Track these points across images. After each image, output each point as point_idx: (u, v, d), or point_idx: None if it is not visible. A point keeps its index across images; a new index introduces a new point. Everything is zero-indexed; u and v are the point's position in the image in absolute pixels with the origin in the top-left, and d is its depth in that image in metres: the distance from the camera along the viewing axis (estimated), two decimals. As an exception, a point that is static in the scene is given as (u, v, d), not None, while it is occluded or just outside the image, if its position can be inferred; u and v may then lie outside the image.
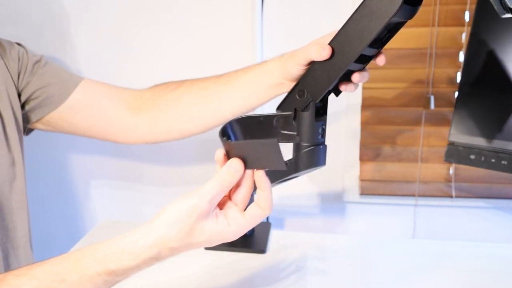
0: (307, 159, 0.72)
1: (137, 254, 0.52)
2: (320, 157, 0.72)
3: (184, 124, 0.81)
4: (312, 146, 0.71)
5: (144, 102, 0.82)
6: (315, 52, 0.62)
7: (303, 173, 0.75)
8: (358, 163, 1.05)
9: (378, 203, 1.08)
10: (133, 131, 0.83)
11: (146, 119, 0.82)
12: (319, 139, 0.71)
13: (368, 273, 0.80)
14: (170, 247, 0.52)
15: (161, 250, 0.52)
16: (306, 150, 0.71)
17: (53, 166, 1.16)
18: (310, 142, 0.71)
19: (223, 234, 0.53)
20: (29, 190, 0.81)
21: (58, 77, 0.80)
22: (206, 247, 0.87)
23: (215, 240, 0.53)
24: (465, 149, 0.78)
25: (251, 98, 0.75)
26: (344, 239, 0.93)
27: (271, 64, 0.72)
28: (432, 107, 0.97)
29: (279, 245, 0.89)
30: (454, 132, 0.79)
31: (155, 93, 0.81)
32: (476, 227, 1.06)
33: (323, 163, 0.73)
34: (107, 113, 0.82)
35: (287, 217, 1.13)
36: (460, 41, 0.94)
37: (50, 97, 0.79)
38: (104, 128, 0.83)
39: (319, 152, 0.72)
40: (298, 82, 0.68)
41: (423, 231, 1.08)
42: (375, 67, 0.97)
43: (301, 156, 0.72)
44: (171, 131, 0.82)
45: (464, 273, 0.79)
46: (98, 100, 0.82)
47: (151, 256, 0.52)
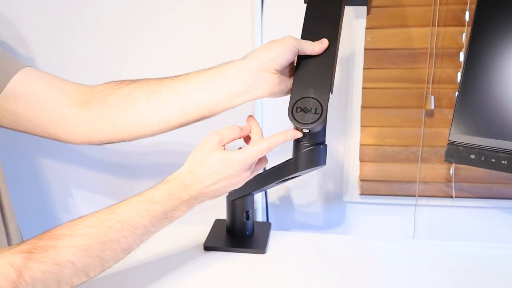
0: (307, 159, 0.72)
1: (168, 179, 0.67)
2: (320, 156, 0.72)
3: (130, 121, 0.74)
4: (312, 146, 0.71)
5: (93, 96, 0.75)
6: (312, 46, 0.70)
7: (303, 172, 0.74)
8: (358, 163, 1.05)
9: (378, 203, 1.08)
10: (75, 126, 0.75)
11: (91, 114, 0.75)
12: (319, 139, 0.71)
13: (368, 273, 0.80)
14: (191, 170, 0.66)
15: (184, 175, 0.66)
16: (306, 150, 0.71)
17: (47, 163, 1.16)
18: (311, 142, 0.71)
19: (230, 160, 0.65)
20: None
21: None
22: (206, 246, 0.87)
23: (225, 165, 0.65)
24: (465, 149, 0.78)
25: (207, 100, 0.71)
26: (344, 239, 0.93)
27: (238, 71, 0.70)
28: (432, 107, 0.97)
29: (279, 245, 0.89)
30: (454, 132, 0.79)
31: (107, 88, 0.76)
32: (476, 227, 1.06)
33: (323, 163, 0.73)
34: (47, 105, 0.74)
35: (287, 217, 1.13)
36: (460, 41, 0.94)
37: None
38: (45, 121, 0.75)
39: (319, 151, 0.72)
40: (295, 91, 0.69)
41: (423, 231, 1.08)
42: (375, 67, 0.98)
43: (301, 156, 0.71)
44: (116, 128, 0.75)
45: (464, 273, 0.79)
46: (39, 89, 0.74)
47: (177, 178, 0.66)
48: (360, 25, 0.97)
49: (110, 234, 0.62)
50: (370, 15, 0.95)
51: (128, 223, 0.63)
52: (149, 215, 0.64)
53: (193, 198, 0.67)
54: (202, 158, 0.66)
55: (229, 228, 0.92)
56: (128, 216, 0.63)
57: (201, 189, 0.66)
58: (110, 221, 0.62)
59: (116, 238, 0.62)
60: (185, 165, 0.67)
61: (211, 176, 0.66)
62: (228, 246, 0.88)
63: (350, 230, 1.11)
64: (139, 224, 0.64)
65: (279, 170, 0.77)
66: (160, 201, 0.65)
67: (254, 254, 0.86)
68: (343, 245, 0.89)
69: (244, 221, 0.90)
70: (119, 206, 0.64)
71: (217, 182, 0.66)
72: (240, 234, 0.90)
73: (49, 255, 0.58)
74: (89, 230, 0.61)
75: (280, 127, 1.04)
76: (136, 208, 0.64)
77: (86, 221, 0.62)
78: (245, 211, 0.89)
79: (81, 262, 0.60)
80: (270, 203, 1.10)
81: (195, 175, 0.66)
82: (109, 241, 0.62)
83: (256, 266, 0.83)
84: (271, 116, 1.05)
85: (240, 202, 0.89)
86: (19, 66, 0.74)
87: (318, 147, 0.71)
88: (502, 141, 0.74)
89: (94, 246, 0.61)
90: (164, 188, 0.66)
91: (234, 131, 0.68)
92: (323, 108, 0.67)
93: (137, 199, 0.65)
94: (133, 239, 0.64)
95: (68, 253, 0.59)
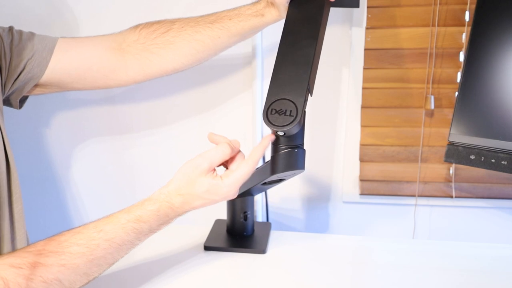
0: (283, 161, 0.70)
1: (156, 199, 0.67)
2: (297, 160, 0.71)
3: (177, 63, 0.84)
4: (288, 148, 0.70)
5: (129, 45, 0.83)
6: None
7: (283, 175, 0.73)
8: (358, 163, 1.05)
9: (378, 203, 1.08)
10: (123, 73, 0.84)
11: (136, 61, 0.83)
12: (296, 141, 0.70)
13: (368, 273, 0.80)
14: (180, 193, 0.67)
15: (173, 197, 0.67)
16: (281, 152, 0.70)
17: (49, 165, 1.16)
18: (287, 144, 0.70)
19: (219, 187, 0.67)
20: None
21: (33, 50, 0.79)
22: (206, 246, 0.88)
23: (213, 192, 0.67)
24: (465, 149, 0.78)
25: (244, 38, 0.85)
26: (344, 239, 0.93)
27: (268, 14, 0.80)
28: (432, 107, 0.97)
29: (279, 245, 0.89)
30: (454, 132, 0.79)
31: (142, 36, 0.83)
32: (476, 227, 1.06)
33: (301, 167, 0.71)
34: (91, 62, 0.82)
35: (287, 217, 1.13)
36: (460, 41, 0.94)
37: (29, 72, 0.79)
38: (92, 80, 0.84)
39: (295, 154, 0.70)
40: None
41: (423, 231, 1.08)
42: (375, 67, 0.98)
43: (276, 158, 0.70)
44: (165, 69, 0.85)
45: (464, 273, 0.79)
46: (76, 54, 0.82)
47: (166, 200, 0.67)
48: (360, 25, 0.96)
49: (97, 253, 0.63)
50: (370, 15, 0.95)
51: (116, 242, 0.64)
52: (136, 232, 0.66)
53: (179, 215, 0.69)
54: (191, 183, 0.67)
55: (229, 228, 0.92)
56: (115, 236, 0.64)
57: (189, 209, 0.69)
58: (98, 239, 0.63)
59: (103, 256, 0.64)
60: (173, 185, 0.68)
61: (200, 200, 0.68)
62: (228, 246, 0.88)
63: (350, 230, 1.11)
64: (126, 241, 0.65)
65: (258, 172, 0.76)
66: (148, 221, 0.66)
67: (254, 254, 0.86)
68: (343, 245, 0.89)
69: (243, 221, 0.90)
70: (106, 223, 0.65)
71: (205, 204, 0.69)
72: (240, 234, 0.91)
73: (38, 272, 0.59)
74: (77, 248, 0.62)
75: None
76: (124, 227, 0.65)
77: (74, 238, 0.63)
78: (243, 211, 0.89)
79: (68, 279, 0.61)
80: (270, 203, 1.10)
81: (184, 199, 0.67)
82: (96, 259, 0.63)
83: (256, 266, 0.83)
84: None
85: (240, 202, 0.89)
86: (53, 41, 0.81)
87: (294, 150, 0.70)
88: (502, 141, 0.74)
89: (81, 265, 0.62)
90: (153, 209, 0.67)
91: (225, 153, 0.68)
92: (298, 110, 0.65)
93: (124, 218, 0.66)
94: (119, 254, 0.66)
95: (56, 271, 0.60)
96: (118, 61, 0.83)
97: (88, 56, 0.82)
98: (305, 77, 0.68)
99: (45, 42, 0.81)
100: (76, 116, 1.11)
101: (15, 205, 0.77)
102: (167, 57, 0.83)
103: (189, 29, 0.82)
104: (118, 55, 0.83)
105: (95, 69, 0.83)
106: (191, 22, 0.83)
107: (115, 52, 0.83)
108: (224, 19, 0.81)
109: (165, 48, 0.82)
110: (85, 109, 1.11)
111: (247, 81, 1.04)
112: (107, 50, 0.83)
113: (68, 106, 1.11)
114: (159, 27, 0.83)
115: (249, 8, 0.81)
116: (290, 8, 0.77)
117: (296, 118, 0.65)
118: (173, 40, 0.82)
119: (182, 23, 0.83)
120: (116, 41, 0.84)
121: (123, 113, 1.10)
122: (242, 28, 0.81)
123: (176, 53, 0.83)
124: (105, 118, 1.11)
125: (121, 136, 1.12)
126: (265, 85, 1.03)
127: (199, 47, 0.82)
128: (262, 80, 1.02)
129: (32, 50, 0.79)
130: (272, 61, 1.01)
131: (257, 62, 1.00)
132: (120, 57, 0.83)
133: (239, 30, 0.81)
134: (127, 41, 0.84)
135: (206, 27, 0.81)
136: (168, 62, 0.84)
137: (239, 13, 0.81)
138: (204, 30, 0.81)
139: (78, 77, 0.83)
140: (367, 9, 0.95)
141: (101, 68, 0.83)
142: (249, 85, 1.03)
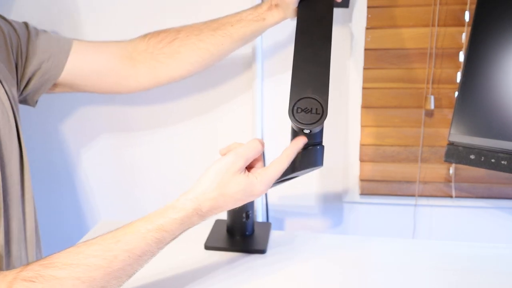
0: (305, 159, 0.71)
1: (181, 207, 0.63)
2: (318, 157, 0.72)
3: (184, 70, 0.87)
4: (309, 147, 0.71)
5: (139, 54, 0.86)
6: None
7: (301, 173, 0.74)
8: (358, 163, 1.05)
9: (378, 203, 1.08)
10: (133, 80, 0.87)
11: (145, 70, 0.86)
12: (317, 139, 0.71)
13: (368, 273, 0.80)
14: (210, 197, 0.63)
15: (202, 202, 0.63)
16: (304, 151, 0.71)
17: (52, 163, 1.16)
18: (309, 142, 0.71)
19: (254, 186, 0.65)
20: None
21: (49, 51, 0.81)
22: (206, 246, 0.87)
23: (249, 191, 0.65)
24: (465, 149, 0.78)
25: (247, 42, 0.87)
26: (344, 239, 0.93)
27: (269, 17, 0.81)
28: (432, 107, 0.97)
29: (279, 245, 0.89)
30: (454, 132, 0.79)
31: (150, 46, 0.85)
32: (476, 227, 1.06)
33: (320, 164, 0.73)
34: (106, 69, 0.85)
35: (287, 217, 1.13)
36: (460, 41, 0.94)
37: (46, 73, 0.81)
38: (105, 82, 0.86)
39: (317, 152, 0.72)
40: None
41: (423, 231, 1.08)
42: (375, 67, 0.98)
43: (299, 157, 0.71)
44: (172, 77, 0.88)
45: (464, 273, 0.79)
46: (92, 59, 0.84)
47: (193, 207, 0.63)
48: (360, 25, 0.97)
49: (115, 265, 0.59)
50: (370, 15, 0.95)
51: (135, 253, 0.61)
52: (157, 242, 0.62)
53: (206, 219, 0.66)
54: (225, 183, 0.64)
55: (230, 228, 0.92)
56: (135, 246, 0.61)
57: (218, 213, 0.66)
58: (116, 250, 0.60)
59: (122, 268, 0.60)
60: (201, 188, 0.64)
61: (232, 201, 0.65)
62: (228, 246, 0.88)
63: (350, 230, 1.11)
64: (146, 252, 0.62)
65: None
66: (171, 230, 0.63)
67: (254, 254, 0.86)
68: (343, 245, 0.89)
69: (244, 221, 0.90)
70: (125, 234, 0.61)
71: (236, 205, 0.66)
72: (240, 234, 0.91)
73: (51, 286, 0.56)
74: (93, 260, 0.58)
75: (280, 127, 1.04)
76: (145, 237, 0.61)
77: (90, 250, 0.59)
78: (245, 211, 0.89)
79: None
80: (270, 203, 1.10)
81: (214, 202, 0.64)
82: (114, 271, 0.59)
83: (256, 266, 0.83)
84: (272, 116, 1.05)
85: (240, 202, 0.89)
86: (68, 48, 0.82)
87: (316, 147, 0.71)
88: (502, 141, 0.74)
89: (98, 278, 0.58)
90: (177, 217, 0.63)
91: (257, 149, 0.67)
92: (323, 108, 0.67)
93: (145, 227, 0.62)
94: (139, 264, 0.63)
95: (70, 285, 0.57)
96: (129, 69, 0.86)
97: (103, 63, 0.85)
98: (326, 75, 0.69)
99: (61, 43, 0.82)
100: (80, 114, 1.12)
101: (27, 203, 0.77)
102: (174, 66, 0.86)
103: (193, 37, 0.84)
104: (130, 63, 0.86)
105: (108, 76, 0.85)
106: (195, 31, 0.84)
107: (127, 61, 0.86)
108: (226, 25, 0.83)
109: (172, 58, 0.85)
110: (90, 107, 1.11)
111: (248, 81, 1.04)
112: (120, 58, 0.85)
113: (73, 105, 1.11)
114: (165, 36, 0.85)
115: (251, 13, 0.82)
116: (301, 8, 0.77)
117: (322, 116, 0.66)
118: (179, 49, 0.84)
119: (187, 32, 0.85)
120: (127, 50, 0.86)
121: (124, 113, 1.10)
122: (244, 34, 0.82)
123: (182, 62, 0.85)
124: (108, 118, 1.11)
125: (122, 135, 1.12)
126: (265, 86, 1.03)
127: (204, 55, 0.84)
128: (262, 81, 1.02)
129: (48, 50, 0.80)
130: (272, 62, 1.02)
131: (257, 63, 1.00)
132: (132, 66, 0.86)
133: (241, 36, 0.83)
134: (137, 50, 0.86)
135: (210, 35, 0.83)
136: (176, 71, 0.87)
137: (241, 19, 0.82)
138: (208, 38, 0.83)
139: (91, 81, 0.85)
140: (367, 9, 0.95)
141: (114, 75, 0.86)
142: (250, 85, 1.04)
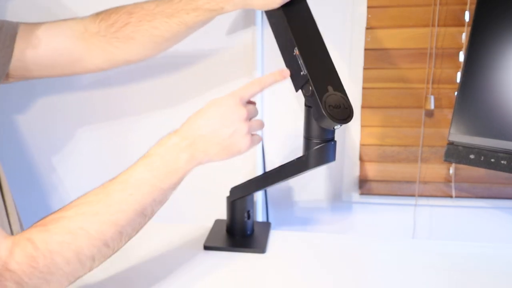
0: (319, 156, 0.71)
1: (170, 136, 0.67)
2: (330, 153, 0.72)
3: (141, 54, 0.85)
4: (322, 143, 0.71)
5: (92, 36, 0.82)
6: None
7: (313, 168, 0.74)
8: (358, 163, 1.05)
9: (378, 203, 1.08)
10: (89, 62, 0.84)
11: (100, 53, 0.83)
12: (330, 135, 0.71)
13: (368, 273, 0.80)
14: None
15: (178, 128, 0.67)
16: (318, 147, 0.71)
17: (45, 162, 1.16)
18: (321, 138, 0.70)
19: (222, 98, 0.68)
20: None
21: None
22: (206, 245, 0.88)
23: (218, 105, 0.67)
24: (465, 149, 0.78)
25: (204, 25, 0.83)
26: (344, 239, 0.93)
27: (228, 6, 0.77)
28: (432, 107, 0.97)
29: (279, 245, 0.89)
30: (454, 132, 0.79)
31: (102, 29, 0.82)
32: (476, 227, 1.06)
33: (333, 159, 0.73)
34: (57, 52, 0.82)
35: (287, 217, 1.13)
36: (460, 41, 0.94)
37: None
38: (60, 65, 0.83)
39: (330, 148, 0.72)
40: None
41: (423, 231, 1.08)
42: (375, 67, 0.98)
43: (313, 153, 0.71)
44: (129, 60, 0.86)
45: (464, 273, 0.79)
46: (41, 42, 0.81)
47: (168, 133, 0.66)
48: (360, 25, 0.97)
49: (114, 196, 0.62)
50: (370, 15, 0.95)
51: (130, 181, 0.63)
52: (149, 168, 0.64)
53: (191, 144, 0.67)
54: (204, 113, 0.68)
55: (229, 228, 0.92)
56: (128, 176, 0.63)
57: (195, 131, 0.67)
58: (112, 185, 0.63)
59: (122, 198, 0.62)
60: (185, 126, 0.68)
61: (204, 117, 0.67)
62: (228, 246, 0.88)
63: (350, 230, 1.11)
64: (142, 179, 0.64)
65: (289, 168, 0.76)
66: (156, 153, 0.65)
67: (254, 254, 0.86)
68: (343, 245, 0.89)
69: (244, 220, 0.90)
70: (120, 173, 0.65)
71: (211, 122, 0.67)
72: (240, 234, 0.91)
73: (61, 224, 0.59)
74: (93, 197, 0.62)
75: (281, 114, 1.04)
76: (134, 166, 0.65)
77: (90, 192, 0.63)
78: (246, 210, 0.89)
79: (94, 228, 0.60)
80: (270, 203, 1.10)
81: (188, 122, 0.67)
82: (116, 203, 0.62)
83: (256, 266, 0.83)
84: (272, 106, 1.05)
85: (240, 202, 0.89)
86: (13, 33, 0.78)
87: (329, 143, 0.71)
88: (502, 141, 0.74)
89: (101, 210, 0.61)
90: (157, 142, 0.66)
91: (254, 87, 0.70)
92: (348, 102, 0.67)
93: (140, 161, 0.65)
94: (142, 197, 0.63)
95: (79, 220, 0.59)
96: (83, 50, 0.82)
97: (54, 45, 0.81)
98: (335, 71, 0.70)
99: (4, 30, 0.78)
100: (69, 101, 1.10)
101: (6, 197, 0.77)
102: (129, 50, 0.84)
103: (146, 23, 0.81)
104: (83, 45, 0.82)
105: (61, 58, 0.82)
106: (148, 16, 0.81)
107: (79, 42, 0.82)
108: (181, 13, 0.79)
109: (127, 43, 0.82)
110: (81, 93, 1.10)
111: (247, 70, 1.03)
112: (71, 39, 0.82)
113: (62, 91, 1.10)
114: (117, 19, 0.81)
115: (207, 2, 0.78)
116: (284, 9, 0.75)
117: (351, 110, 0.67)
118: (133, 35, 0.81)
119: (139, 17, 0.81)
120: (78, 30, 0.82)
121: (117, 100, 1.09)
122: (201, 21, 0.80)
123: (138, 47, 0.83)
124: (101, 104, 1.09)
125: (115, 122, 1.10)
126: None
127: (159, 40, 0.82)
128: (262, 72, 1.01)
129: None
130: (271, 54, 1.01)
131: (257, 54, 0.99)
132: (85, 47, 0.82)
133: (198, 23, 0.80)
134: (88, 31, 0.82)
135: (164, 22, 0.80)
136: (132, 55, 0.85)
137: (197, 7, 0.78)
138: (162, 26, 0.80)
139: (45, 65, 0.82)
140: (367, 9, 0.95)
141: (67, 57, 0.82)
142: (249, 74, 1.03)
